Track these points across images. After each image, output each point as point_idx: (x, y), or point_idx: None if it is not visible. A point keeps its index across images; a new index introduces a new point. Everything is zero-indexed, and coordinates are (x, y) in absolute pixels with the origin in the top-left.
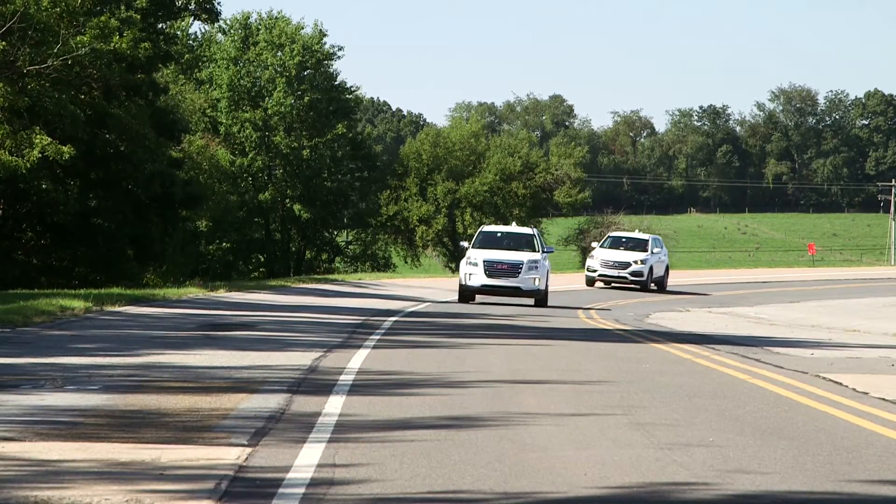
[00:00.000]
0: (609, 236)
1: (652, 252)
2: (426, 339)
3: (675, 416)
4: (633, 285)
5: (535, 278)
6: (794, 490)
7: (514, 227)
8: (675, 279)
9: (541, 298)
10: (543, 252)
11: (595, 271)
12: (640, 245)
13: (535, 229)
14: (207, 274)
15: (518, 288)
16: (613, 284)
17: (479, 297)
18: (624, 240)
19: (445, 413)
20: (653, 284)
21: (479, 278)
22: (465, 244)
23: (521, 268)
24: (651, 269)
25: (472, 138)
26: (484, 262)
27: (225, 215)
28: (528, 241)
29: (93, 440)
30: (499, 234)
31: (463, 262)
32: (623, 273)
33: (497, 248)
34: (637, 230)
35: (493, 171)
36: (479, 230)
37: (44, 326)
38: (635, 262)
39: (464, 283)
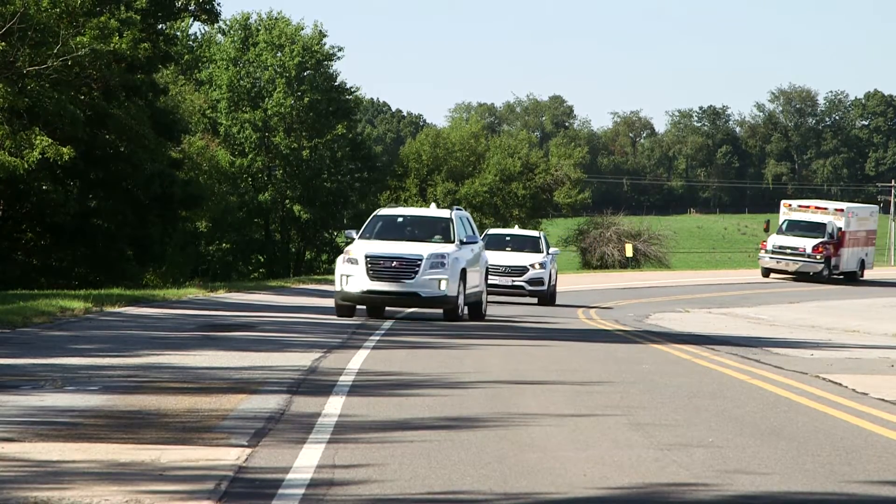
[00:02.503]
0: (487, 234)
1: (547, 253)
2: (426, 339)
3: (675, 417)
4: (529, 297)
5: (440, 280)
6: (793, 490)
7: (424, 210)
8: (676, 279)
9: (451, 309)
10: (464, 242)
11: None
12: (531, 244)
13: (457, 211)
14: (207, 274)
15: (415, 294)
16: (502, 298)
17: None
18: (508, 238)
19: (445, 413)
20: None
21: (359, 281)
22: (353, 234)
23: (418, 265)
24: (550, 275)
25: (471, 139)
26: (366, 257)
27: (225, 216)
28: (443, 229)
29: (93, 441)
30: (399, 220)
31: (339, 260)
32: (519, 281)
33: (396, 240)
34: (516, 226)
35: (492, 172)
36: (373, 214)
37: (43, 327)
38: (532, 267)
39: (339, 288)
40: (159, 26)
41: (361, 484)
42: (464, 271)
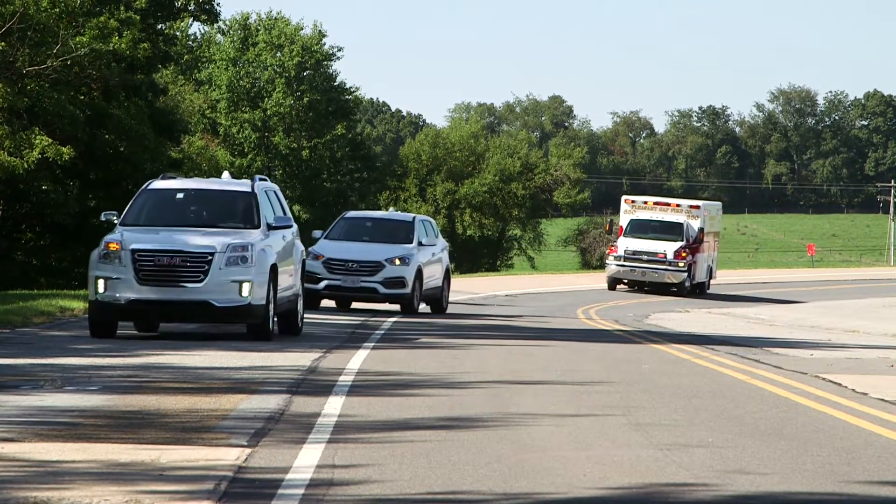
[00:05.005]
0: (343, 217)
1: (420, 243)
2: (425, 339)
3: (675, 417)
4: (388, 303)
5: (241, 283)
6: (793, 491)
7: (214, 183)
8: None
9: (258, 324)
10: (273, 227)
11: (319, 281)
12: (397, 232)
13: (260, 182)
14: None
15: (205, 304)
16: (353, 305)
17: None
18: (368, 223)
19: (445, 413)
20: (423, 303)
21: (124, 287)
22: (114, 217)
23: (208, 261)
24: (419, 272)
25: (471, 139)
26: (134, 253)
27: None
28: (244, 209)
29: (92, 441)
30: (179, 197)
31: (94, 256)
32: (369, 282)
33: (175, 226)
34: (392, 208)
35: (492, 172)
36: (142, 188)
37: (43, 327)
38: (391, 263)
39: (95, 296)
40: (159, 26)
41: (361, 484)
42: (274, 268)
